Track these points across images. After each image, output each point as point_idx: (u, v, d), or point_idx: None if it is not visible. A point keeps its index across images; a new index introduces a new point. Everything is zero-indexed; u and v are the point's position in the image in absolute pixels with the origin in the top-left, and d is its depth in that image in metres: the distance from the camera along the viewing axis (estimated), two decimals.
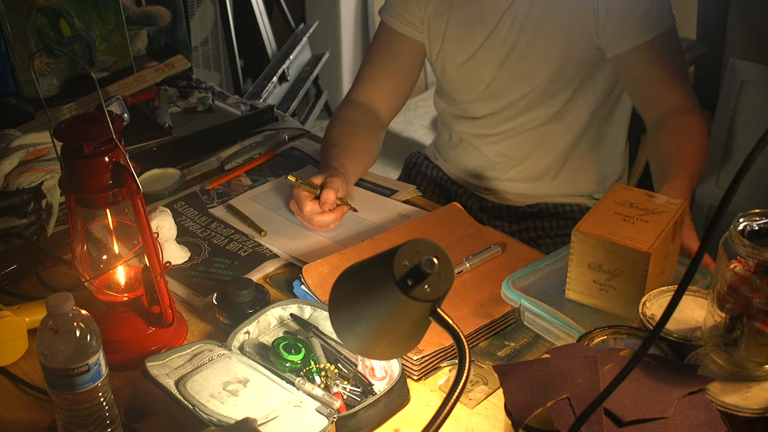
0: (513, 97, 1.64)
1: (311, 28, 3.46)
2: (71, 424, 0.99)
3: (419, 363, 1.12)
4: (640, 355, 0.77)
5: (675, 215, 1.15)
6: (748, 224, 1.00)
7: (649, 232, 1.11)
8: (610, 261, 1.11)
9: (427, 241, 0.81)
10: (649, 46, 1.51)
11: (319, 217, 1.42)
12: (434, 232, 1.41)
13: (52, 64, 1.92)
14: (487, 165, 1.75)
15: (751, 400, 0.94)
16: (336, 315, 0.88)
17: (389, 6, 1.70)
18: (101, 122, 1.07)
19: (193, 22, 3.13)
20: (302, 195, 1.42)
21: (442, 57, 1.67)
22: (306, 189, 1.42)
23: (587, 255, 1.13)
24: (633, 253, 1.09)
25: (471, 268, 1.31)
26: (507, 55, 1.60)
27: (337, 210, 1.43)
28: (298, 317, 1.20)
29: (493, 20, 1.59)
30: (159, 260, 1.12)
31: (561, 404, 0.88)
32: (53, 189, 1.46)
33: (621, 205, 1.17)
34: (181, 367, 1.09)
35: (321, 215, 1.42)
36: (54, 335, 0.94)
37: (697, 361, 0.99)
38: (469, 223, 1.45)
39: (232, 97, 1.97)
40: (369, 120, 1.68)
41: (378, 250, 0.89)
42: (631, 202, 1.18)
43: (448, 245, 1.30)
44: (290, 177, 1.43)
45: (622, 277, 1.11)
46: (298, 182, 1.42)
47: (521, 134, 1.69)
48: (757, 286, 1.00)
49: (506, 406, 0.92)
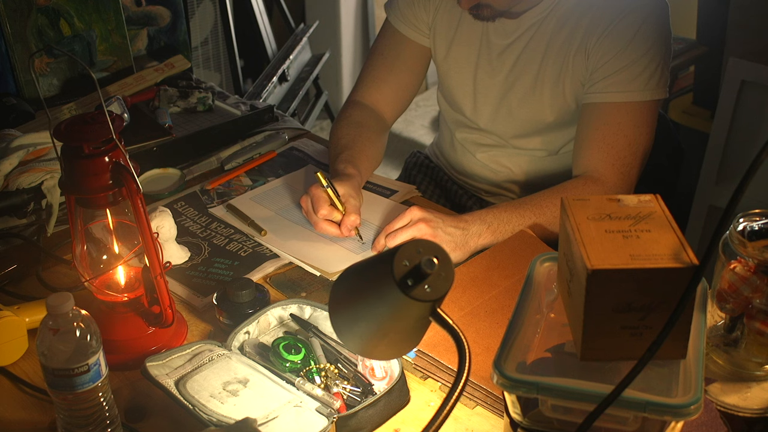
0: (509, 130, 1.65)
1: (311, 28, 3.46)
2: (71, 424, 0.99)
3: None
4: (646, 359, 0.77)
5: (667, 213, 0.98)
6: (748, 224, 1.00)
7: (667, 242, 0.88)
8: (643, 294, 0.86)
9: (427, 241, 0.81)
10: (615, 107, 1.47)
11: (326, 225, 1.41)
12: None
13: (52, 64, 1.92)
14: (485, 170, 1.74)
15: (751, 400, 0.94)
16: (336, 315, 0.88)
17: (396, 6, 1.67)
18: (101, 122, 1.06)
19: (193, 22, 3.13)
20: (321, 197, 1.40)
21: (446, 65, 1.67)
22: (327, 192, 1.40)
23: (611, 297, 0.86)
24: (673, 274, 0.85)
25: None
26: (506, 91, 1.59)
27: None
28: (298, 317, 1.20)
29: (498, 48, 1.58)
30: (159, 260, 1.12)
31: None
32: (53, 189, 1.46)
33: (599, 221, 0.93)
34: (181, 367, 1.09)
35: (329, 225, 1.41)
36: (54, 335, 0.95)
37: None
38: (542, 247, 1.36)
39: (232, 97, 1.97)
40: (375, 122, 1.68)
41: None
42: (603, 214, 0.95)
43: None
44: (321, 177, 1.40)
45: (660, 309, 0.87)
46: (326, 186, 1.40)
47: (519, 156, 1.68)
48: (757, 286, 1.00)
49: (506, 406, 0.92)
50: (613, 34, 1.45)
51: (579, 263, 0.86)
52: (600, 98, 1.48)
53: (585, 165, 1.50)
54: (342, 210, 1.40)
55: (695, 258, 0.84)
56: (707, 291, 0.98)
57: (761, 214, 1.02)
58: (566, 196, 0.97)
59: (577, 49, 1.49)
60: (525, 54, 1.55)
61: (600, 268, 0.84)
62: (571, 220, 0.93)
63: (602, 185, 1.47)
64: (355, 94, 1.72)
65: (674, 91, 2.99)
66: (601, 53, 1.47)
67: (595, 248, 0.88)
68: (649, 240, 0.89)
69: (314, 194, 1.41)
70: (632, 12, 1.45)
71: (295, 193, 1.58)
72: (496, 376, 0.87)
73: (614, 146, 1.47)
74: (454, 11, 1.61)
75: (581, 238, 0.89)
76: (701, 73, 2.95)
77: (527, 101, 1.58)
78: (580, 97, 1.54)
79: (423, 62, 1.71)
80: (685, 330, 0.86)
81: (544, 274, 1.03)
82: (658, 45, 1.46)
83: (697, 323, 0.92)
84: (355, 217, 1.40)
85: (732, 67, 2.31)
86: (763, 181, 1.40)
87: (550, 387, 0.86)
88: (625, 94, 1.46)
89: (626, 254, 0.86)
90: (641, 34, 1.44)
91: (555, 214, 1.42)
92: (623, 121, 1.47)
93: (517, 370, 0.88)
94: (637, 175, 1.51)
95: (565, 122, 1.59)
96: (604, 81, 1.47)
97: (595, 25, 1.47)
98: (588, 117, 1.50)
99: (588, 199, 0.96)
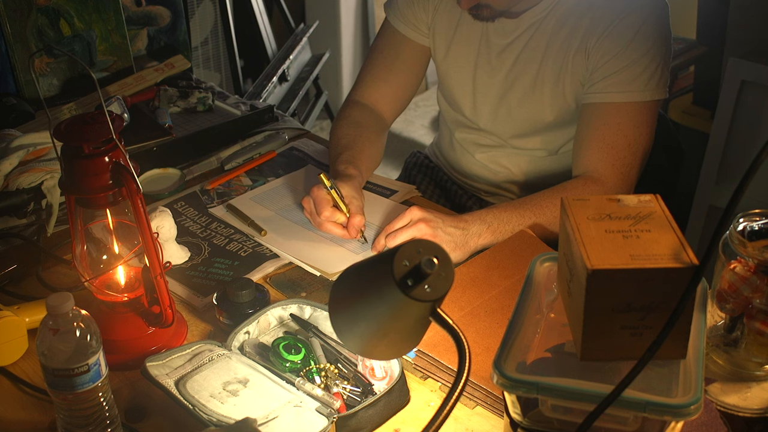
0: (508, 130, 1.64)
1: (311, 28, 3.46)
2: (71, 424, 0.99)
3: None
4: (646, 359, 0.77)
5: (667, 213, 0.99)
6: (748, 224, 1.00)
7: (667, 242, 0.88)
8: (643, 294, 0.86)
9: (427, 241, 0.81)
10: (615, 107, 1.47)
11: (330, 226, 1.41)
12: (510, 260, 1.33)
13: (52, 64, 1.92)
14: (484, 170, 1.74)
15: (751, 400, 0.94)
16: (336, 315, 0.88)
17: (395, 6, 1.67)
18: (101, 122, 1.06)
19: (193, 22, 3.13)
20: (324, 199, 1.40)
21: (446, 65, 1.67)
22: (330, 194, 1.40)
23: (611, 297, 0.87)
24: (673, 274, 0.85)
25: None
26: (506, 91, 1.59)
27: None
28: (298, 317, 1.20)
29: (498, 48, 1.58)
30: (159, 260, 1.12)
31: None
32: (53, 189, 1.46)
33: (599, 221, 0.93)
34: (181, 367, 1.09)
35: (333, 226, 1.41)
36: (54, 335, 0.95)
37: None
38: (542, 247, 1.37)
39: (232, 97, 1.97)
40: (375, 122, 1.68)
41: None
42: (603, 214, 0.95)
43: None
44: (324, 178, 1.39)
45: (660, 309, 0.87)
46: (330, 188, 1.39)
47: (518, 156, 1.68)
48: (757, 286, 1.00)
49: (506, 406, 0.92)
50: (613, 34, 1.45)
51: (579, 263, 0.86)
52: (600, 98, 1.48)
53: (585, 165, 1.50)
54: (346, 211, 1.40)
55: (695, 258, 0.84)
56: (707, 291, 0.98)
57: (761, 214, 1.02)
58: (566, 196, 0.97)
59: (577, 49, 1.49)
60: (524, 54, 1.55)
61: (600, 268, 0.84)
62: (571, 220, 0.93)
63: (602, 185, 1.47)
64: (355, 93, 1.72)
65: (674, 91, 2.99)
66: (601, 53, 1.47)
67: (595, 248, 0.88)
68: (649, 240, 0.89)
69: (316, 195, 1.41)
70: (632, 12, 1.45)
71: (295, 193, 1.58)
72: (496, 376, 0.87)
73: (614, 146, 1.47)
74: (453, 11, 1.61)
75: (581, 238, 0.89)
76: (701, 73, 2.95)
77: (527, 101, 1.58)
78: (579, 97, 1.54)
79: (422, 62, 1.71)
80: (685, 330, 0.86)
81: (544, 274, 1.03)
82: (659, 45, 1.46)
83: (697, 323, 0.92)
84: (360, 218, 1.39)
85: (732, 67, 2.31)
86: (763, 181, 1.40)
87: (550, 387, 0.86)
88: (625, 95, 1.46)
89: (626, 254, 0.86)
90: (641, 35, 1.44)
91: (555, 214, 1.42)
92: (623, 121, 1.47)
93: (517, 370, 0.88)
94: (637, 175, 1.51)
95: (565, 122, 1.59)
96: (604, 81, 1.47)
97: (595, 25, 1.47)
98: (588, 117, 1.50)
99: (588, 199, 0.96)
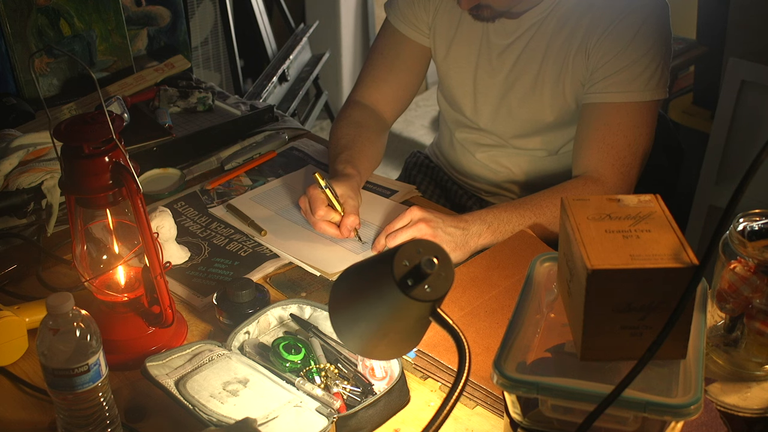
0: (509, 130, 1.64)
1: (311, 28, 3.46)
2: (71, 424, 0.99)
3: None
4: (646, 359, 0.77)
5: (667, 213, 0.98)
6: (748, 224, 1.00)
7: (667, 242, 0.88)
8: (643, 294, 0.86)
9: (427, 241, 0.81)
10: (615, 107, 1.47)
11: (325, 226, 1.41)
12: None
13: (52, 64, 1.92)
14: (485, 170, 1.74)
15: (751, 400, 0.94)
16: (336, 315, 0.88)
17: (396, 6, 1.67)
18: (101, 122, 1.06)
19: (193, 22, 3.13)
20: (319, 198, 1.40)
21: (446, 65, 1.67)
22: (324, 193, 1.40)
23: (611, 297, 0.86)
24: (673, 274, 0.85)
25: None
26: (506, 91, 1.59)
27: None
28: (298, 317, 1.20)
29: (498, 48, 1.58)
30: (159, 260, 1.12)
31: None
32: (53, 189, 1.46)
33: (599, 221, 0.92)
34: (181, 367, 1.09)
35: (328, 225, 1.41)
36: (54, 335, 0.95)
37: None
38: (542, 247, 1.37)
39: (232, 97, 1.97)
40: (375, 122, 1.68)
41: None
42: (603, 214, 0.94)
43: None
44: (318, 177, 1.39)
45: (660, 309, 0.87)
46: (324, 187, 1.39)
47: (518, 156, 1.68)
48: (757, 286, 1.00)
49: (506, 406, 0.92)
50: (613, 34, 1.45)
51: (579, 263, 0.86)
52: (600, 98, 1.48)
53: (585, 165, 1.50)
54: (340, 211, 1.40)
55: (695, 258, 0.83)
56: (707, 291, 0.98)
57: (761, 214, 1.02)
58: (566, 196, 0.97)
59: (577, 49, 1.49)
60: (525, 54, 1.55)
61: (600, 268, 0.84)
62: (571, 220, 0.92)
63: (602, 185, 1.47)
64: (355, 93, 1.72)
65: (674, 91, 2.99)
66: (601, 53, 1.47)
67: (595, 248, 0.87)
68: (649, 240, 0.88)
69: (311, 195, 1.41)
70: (632, 12, 1.45)
71: (295, 193, 1.58)
72: (496, 376, 0.87)
73: (614, 146, 1.47)
74: (454, 11, 1.61)
75: (581, 238, 0.89)
76: (701, 73, 2.95)
77: (527, 101, 1.58)
78: (580, 97, 1.54)
79: (423, 62, 1.71)
80: (685, 330, 0.86)
81: (544, 274, 1.03)
82: (659, 45, 1.46)
83: (697, 323, 0.92)
84: (353, 218, 1.39)
85: (732, 67, 2.31)
86: (763, 181, 1.40)
87: (550, 387, 0.85)
88: (625, 95, 1.46)
89: (626, 254, 0.86)
90: (641, 35, 1.44)
91: (555, 214, 1.42)
92: (623, 121, 1.47)
93: (517, 370, 0.88)
94: (637, 175, 1.51)
95: (565, 122, 1.59)
96: (604, 81, 1.47)
97: (595, 26, 1.47)
98: (588, 117, 1.50)
99: (588, 199, 0.96)
